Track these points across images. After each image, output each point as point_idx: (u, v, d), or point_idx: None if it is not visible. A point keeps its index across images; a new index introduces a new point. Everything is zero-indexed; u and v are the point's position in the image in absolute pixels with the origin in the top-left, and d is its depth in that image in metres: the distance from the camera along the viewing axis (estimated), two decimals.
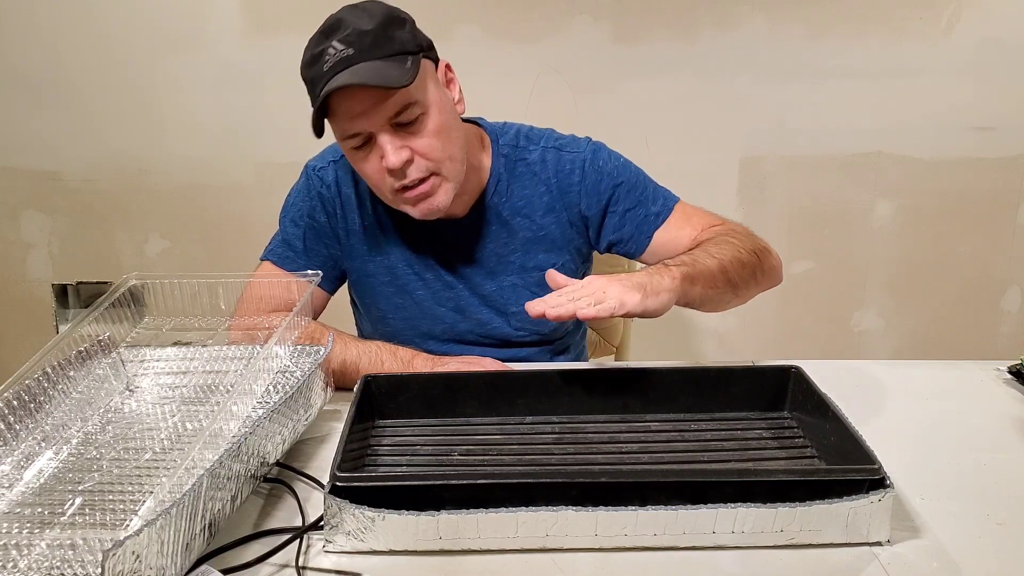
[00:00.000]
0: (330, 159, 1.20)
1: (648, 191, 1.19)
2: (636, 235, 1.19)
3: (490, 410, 0.95)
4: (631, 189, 1.18)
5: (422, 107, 1.03)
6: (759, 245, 1.13)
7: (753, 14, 1.95)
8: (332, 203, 1.19)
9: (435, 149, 1.05)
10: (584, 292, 0.93)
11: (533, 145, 1.20)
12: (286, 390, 0.89)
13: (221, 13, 1.97)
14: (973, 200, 2.09)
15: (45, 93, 2.04)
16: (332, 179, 1.19)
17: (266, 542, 0.76)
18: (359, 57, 0.98)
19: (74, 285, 2.18)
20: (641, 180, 1.20)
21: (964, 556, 0.73)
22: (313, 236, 1.20)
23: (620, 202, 1.18)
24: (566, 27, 1.97)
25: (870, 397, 1.04)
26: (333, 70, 0.98)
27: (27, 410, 0.85)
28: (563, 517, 0.72)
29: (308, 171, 1.21)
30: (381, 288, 1.22)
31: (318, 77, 0.99)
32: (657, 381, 0.96)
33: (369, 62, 0.98)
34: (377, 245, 1.20)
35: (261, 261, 1.21)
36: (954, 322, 2.20)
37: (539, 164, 1.19)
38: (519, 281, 1.20)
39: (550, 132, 1.22)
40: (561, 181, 1.18)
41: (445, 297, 1.21)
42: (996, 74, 1.99)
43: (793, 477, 0.76)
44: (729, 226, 1.16)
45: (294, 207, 1.21)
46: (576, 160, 1.18)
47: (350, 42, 0.98)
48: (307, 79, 1.02)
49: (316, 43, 1.01)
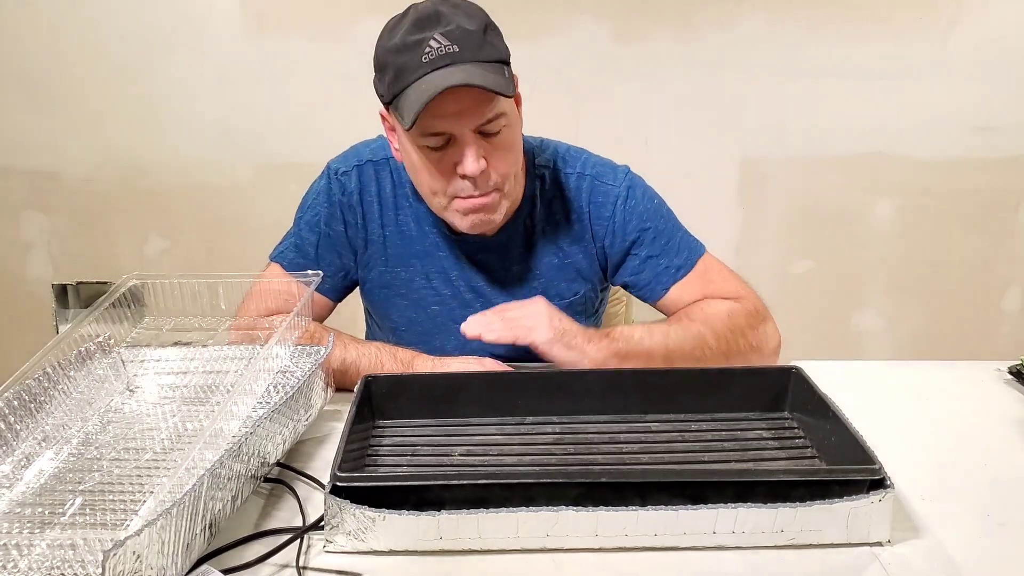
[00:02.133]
0: (355, 163, 1.17)
1: (674, 241, 1.16)
2: (653, 283, 1.16)
3: (490, 410, 0.94)
4: (657, 236, 1.15)
5: (507, 120, 1.01)
6: (746, 345, 1.08)
7: (753, 13, 1.95)
8: (352, 212, 1.16)
9: (508, 164, 1.03)
10: (518, 312, 1.04)
11: (570, 169, 1.16)
12: (286, 390, 0.89)
13: (221, 13, 1.97)
14: (973, 200, 2.10)
15: (45, 93, 2.04)
16: (355, 186, 1.16)
17: (266, 542, 0.76)
18: (463, 56, 0.94)
19: (74, 285, 2.18)
20: (669, 228, 1.17)
21: (964, 556, 0.73)
22: (327, 245, 1.17)
23: (644, 247, 1.15)
24: (566, 27, 1.97)
25: (870, 397, 1.04)
26: (434, 64, 0.94)
27: (27, 410, 0.85)
28: (563, 517, 0.72)
29: (330, 173, 1.18)
30: (395, 300, 1.20)
31: (413, 66, 0.94)
32: (657, 381, 0.96)
33: (475, 64, 0.95)
34: (396, 256, 1.18)
35: (270, 262, 1.19)
36: (954, 322, 2.20)
37: (573, 192, 1.16)
38: None
39: (587, 156, 1.19)
40: (593, 213, 1.16)
41: (460, 315, 1.18)
42: (996, 74, 1.99)
43: (793, 477, 0.76)
44: (730, 308, 1.11)
45: (311, 210, 1.18)
46: (610, 194, 1.15)
47: (455, 39, 0.94)
48: (393, 64, 0.96)
49: (410, 31, 0.95)
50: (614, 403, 0.95)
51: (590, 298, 1.21)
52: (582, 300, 1.20)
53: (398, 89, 0.97)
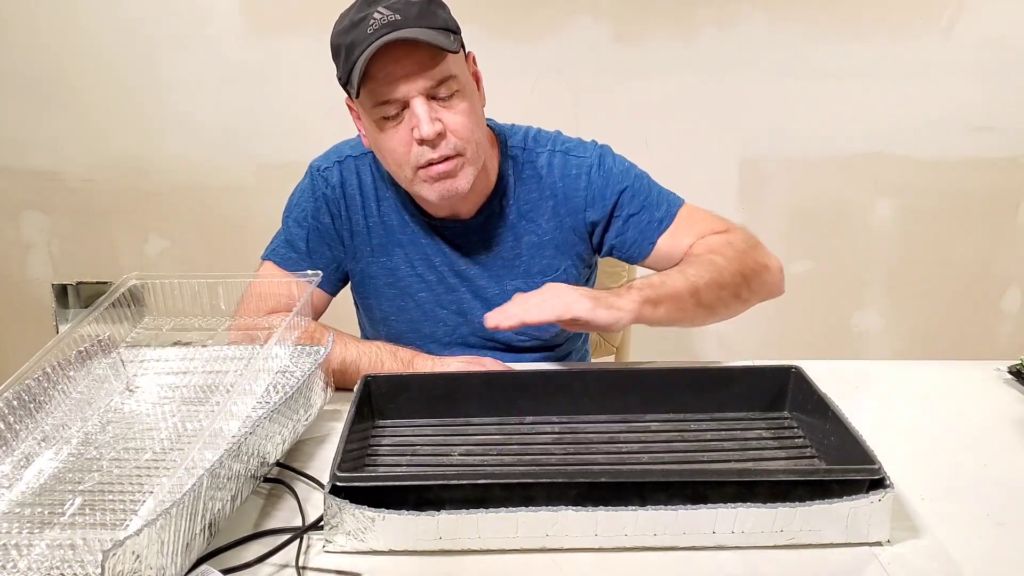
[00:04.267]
0: (335, 159, 1.20)
1: (652, 195, 1.19)
2: (639, 240, 1.18)
3: (490, 410, 0.95)
4: (635, 194, 1.18)
5: (458, 84, 1.04)
6: (754, 262, 1.11)
7: (753, 14, 1.95)
8: (336, 204, 1.19)
9: (465, 128, 1.05)
10: (540, 297, 0.99)
11: (540, 148, 1.19)
12: (286, 390, 0.89)
13: (221, 13, 1.97)
14: (973, 200, 2.09)
15: (45, 93, 2.04)
16: (337, 180, 1.19)
17: (266, 542, 0.76)
18: (406, 23, 0.98)
19: (74, 285, 2.18)
20: (645, 184, 1.19)
21: (964, 556, 0.73)
22: (316, 238, 1.20)
23: (624, 207, 1.18)
24: (566, 27, 1.96)
25: (870, 397, 1.04)
26: (378, 33, 0.98)
27: (27, 410, 0.85)
28: (563, 517, 0.72)
29: (312, 171, 1.21)
30: (383, 290, 1.22)
31: (360, 39, 0.99)
32: (657, 381, 0.96)
33: (417, 29, 0.99)
34: (380, 246, 1.20)
35: (263, 261, 1.21)
36: (954, 322, 2.20)
37: (546, 168, 1.18)
38: (523, 286, 1.19)
39: (557, 135, 1.22)
40: (567, 186, 1.18)
41: (447, 300, 1.21)
42: (996, 74, 1.99)
43: (793, 477, 0.76)
44: (726, 237, 1.14)
45: (298, 207, 1.21)
46: (583, 165, 1.18)
47: (397, 9, 0.99)
48: (343, 44, 1.01)
49: (357, 11, 1.01)
50: (614, 403, 0.95)
51: (573, 274, 1.22)
52: (564, 276, 1.21)
53: (349, 65, 1.01)
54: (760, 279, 1.12)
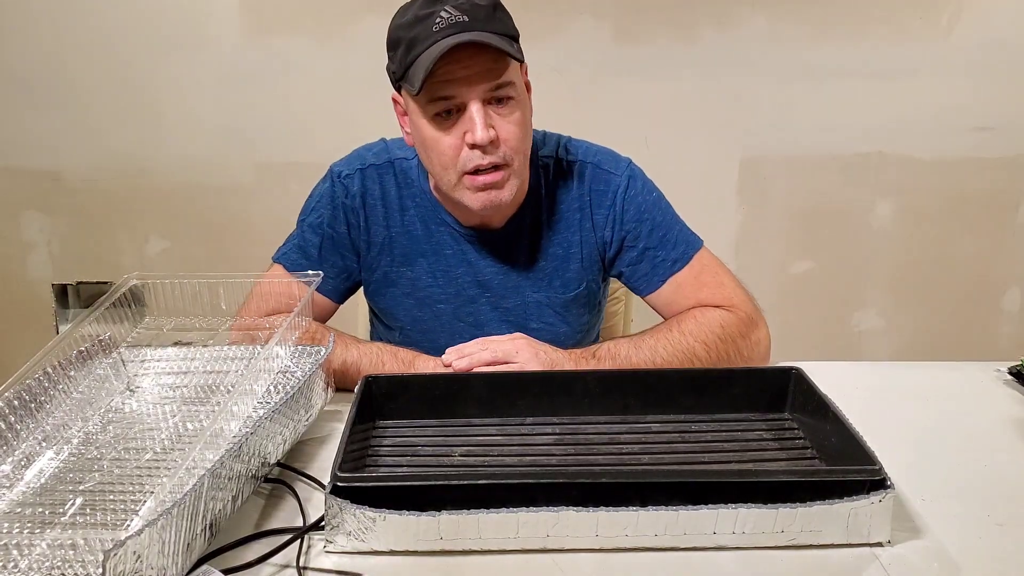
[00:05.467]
0: (358, 166, 1.18)
1: (672, 234, 1.17)
2: (650, 275, 1.17)
3: (491, 411, 0.95)
4: (655, 228, 1.16)
5: (515, 92, 1.03)
6: (736, 354, 1.10)
7: (753, 14, 1.95)
8: (356, 214, 1.17)
9: (517, 138, 1.04)
10: (500, 348, 1.03)
11: (572, 157, 1.18)
12: (287, 390, 0.89)
13: (221, 13, 1.97)
14: (973, 200, 2.10)
15: (45, 93, 2.04)
16: (358, 188, 1.16)
17: (267, 542, 0.76)
18: (474, 26, 0.97)
19: (74, 285, 2.18)
20: (667, 221, 1.18)
21: (965, 557, 0.73)
22: (330, 246, 1.18)
23: (643, 239, 1.16)
24: (566, 27, 1.97)
25: (870, 398, 1.04)
26: (445, 32, 0.96)
27: (28, 410, 0.85)
28: (564, 518, 0.72)
29: (333, 176, 1.18)
30: (402, 299, 1.21)
31: (424, 36, 0.97)
32: (657, 382, 0.96)
33: (484, 32, 0.97)
34: (403, 256, 1.18)
35: (273, 262, 1.19)
36: (954, 322, 2.20)
37: (576, 179, 1.17)
38: (543, 299, 1.19)
39: (589, 145, 1.20)
40: (594, 200, 1.17)
41: (465, 312, 1.19)
42: (996, 74, 1.99)
43: (794, 478, 0.77)
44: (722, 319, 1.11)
45: (315, 212, 1.18)
46: (611, 183, 1.16)
47: (465, 11, 0.98)
48: (405, 37, 1.00)
49: (422, 6, 0.99)
50: (614, 404, 0.95)
51: (593, 290, 1.22)
52: (586, 292, 1.21)
53: (410, 60, 0.99)
54: (742, 356, 1.11)
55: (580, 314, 1.22)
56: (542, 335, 1.10)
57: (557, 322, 1.20)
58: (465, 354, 1.04)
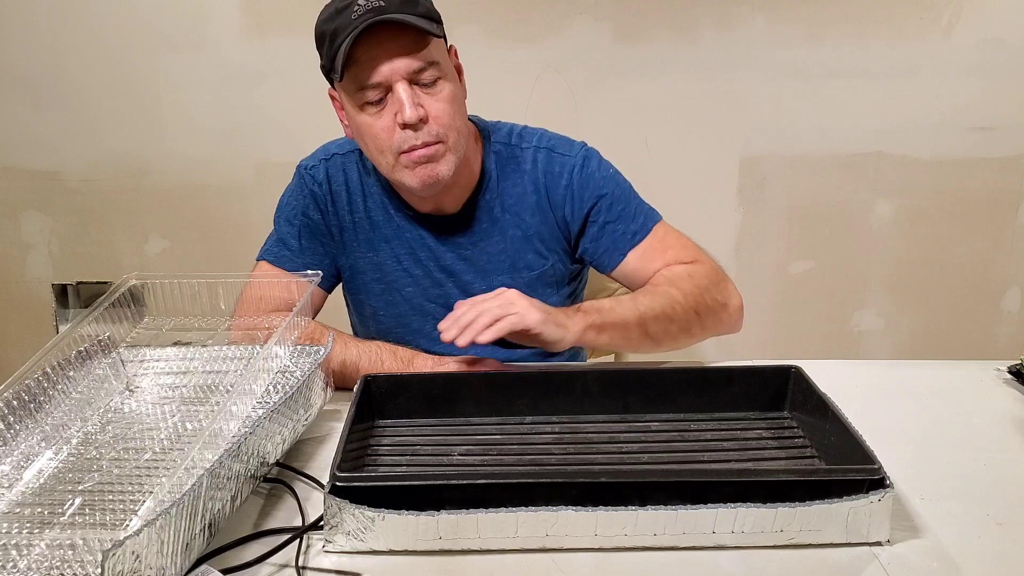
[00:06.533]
0: (322, 157, 1.21)
1: (631, 207, 1.18)
2: (610, 249, 1.18)
3: (490, 410, 0.95)
4: (614, 202, 1.18)
5: (441, 72, 1.05)
6: (712, 300, 1.11)
7: (753, 14, 1.95)
8: (324, 200, 1.20)
9: (447, 115, 1.05)
10: (494, 303, 0.99)
11: (525, 143, 1.20)
12: (286, 390, 0.89)
13: (221, 13, 1.97)
14: (973, 200, 2.09)
15: (45, 93, 2.04)
16: (323, 176, 1.20)
17: (266, 542, 0.76)
18: (389, 8, 0.99)
19: (74, 285, 2.18)
20: (625, 194, 1.19)
21: (964, 556, 0.73)
22: (308, 234, 1.20)
23: (601, 213, 1.18)
24: (566, 27, 1.97)
25: (870, 397, 1.04)
26: (364, 18, 0.99)
27: (27, 410, 0.85)
28: (563, 517, 0.72)
29: (300, 170, 1.22)
30: (371, 285, 1.23)
31: (344, 25, 1.00)
32: (657, 381, 0.96)
33: (400, 13, 1.00)
34: (367, 241, 1.21)
35: (257, 261, 1.21)
36: (954, 322, 2.20)
37: (530, 163, 1.19)
38: (509, 281, 1.19)
39: (543, 132, 1.22)
40: (549, 183, 1.18)
41: (434, 294, 1.21)
42: (996, 74, 1.99)
43: (793, 477, 0.77)
44: (690, 270, 1.13)
45: (288, 206, 1.22)
46: (566, 164, 1.18)
47: None
48: (328, 31, 1.02)
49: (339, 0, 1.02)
50: (613, 403, 0.95)
51: (559, 269, 1.22)
52: (551, 271, 1.21)
53: (334, 50, 1.02)
54: (715, 317, 1.12)
55: (548, 295, 1.22)
56: None
57: None
58: (462, 325, 0.97)
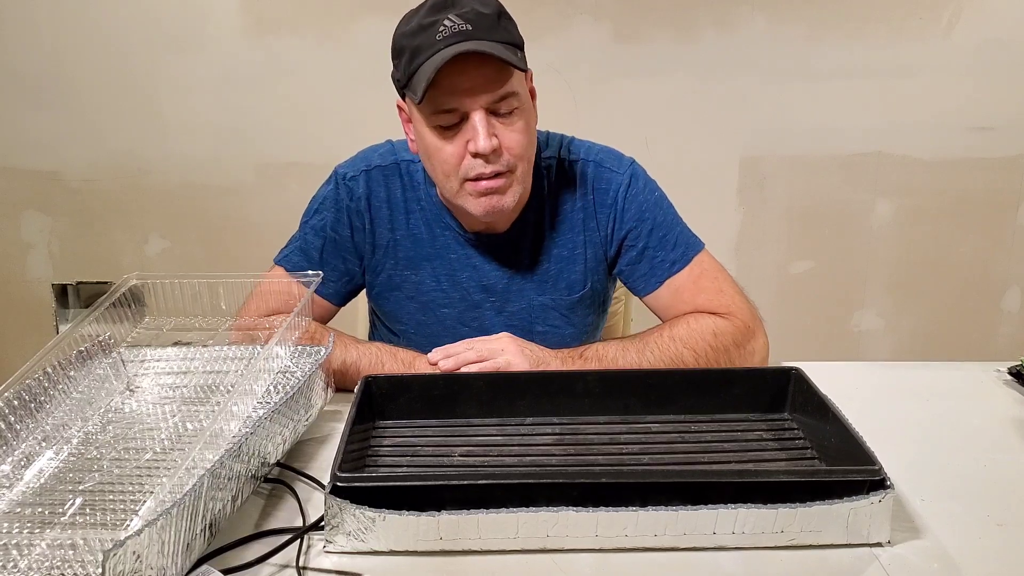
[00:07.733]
0: (363, 168, 1.17)
1: (672, 235, 1.16)
2: (648, 275, 1.16)
3: (491, 411, 0.95)
4: (655, 228, 1.16)
5: (519, 102, 1.03)
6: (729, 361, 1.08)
7: (753, 14, 1.95)
8: (360, 217, 1.16)
9: (520, 146, 1.04)
10: (487, 347, 1.04)
11: (574, 157, 1.18)
12: (287, 390, 0.89)
13: (221, 13, 1.97)
14: (973, 200, 2.10)
15: (45, 93, 2.04)
16: (363, 191, 1.16)
17: (267, 542, 0.76)
18: (477, 35, 0.97)
19: (74, 285, 2.18)
20: (668, 221, 1.17)
21: (964, 557, 0.73)
22: (332, 250, 1.17)
23: (641, 239, 1.16)
24: (566, 27, 1.97)
25: (870, 398, 1.04)
26: (448, 41, 0.96)
27: (27, 410, 0.85)
28: (563, 518, 0.72)
29: (337, 178, 1.18)
30: (405, 303, 1.20)
31: (427, 44, 0.97)
32: (658, 382, 0.96)
33: (487, 42, 0.97)
34: (407, 259, 1.18)
35: (274, 264, 1.19)
36: (954, 322, 2.20)
37: (579, 178, 1.17)
38: (549, 302, 1.18)
39: (591, 144, 1.20)
40: (597, 199, 1.16)
41: (469, 317, 1.19)
42: (996, 74, 1.99)
43: (793, 478, 0.76)
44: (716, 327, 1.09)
45: (318, 215, 1.18)
46: (613, 181, 1.16)
47: (468, 19, 0.97)
48: (409, 46, 0.99)
49: (426, 15, 0.99)
50: (614, 404, 0.95)
51: (599, 290, 1.22)
52: (591, 292, 1.20)
53: (413, 68, 0.99)
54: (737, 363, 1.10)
55: (586, 315, 1.22)
56: (547, 338, 1.10)
57: (562, 324, 1.20)
58: (451, 354, 1.04)
